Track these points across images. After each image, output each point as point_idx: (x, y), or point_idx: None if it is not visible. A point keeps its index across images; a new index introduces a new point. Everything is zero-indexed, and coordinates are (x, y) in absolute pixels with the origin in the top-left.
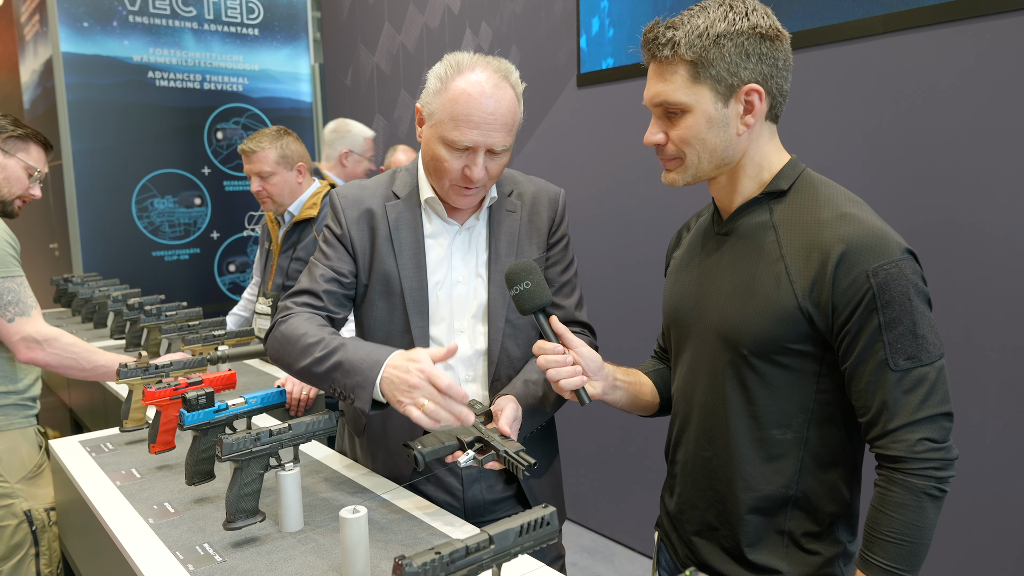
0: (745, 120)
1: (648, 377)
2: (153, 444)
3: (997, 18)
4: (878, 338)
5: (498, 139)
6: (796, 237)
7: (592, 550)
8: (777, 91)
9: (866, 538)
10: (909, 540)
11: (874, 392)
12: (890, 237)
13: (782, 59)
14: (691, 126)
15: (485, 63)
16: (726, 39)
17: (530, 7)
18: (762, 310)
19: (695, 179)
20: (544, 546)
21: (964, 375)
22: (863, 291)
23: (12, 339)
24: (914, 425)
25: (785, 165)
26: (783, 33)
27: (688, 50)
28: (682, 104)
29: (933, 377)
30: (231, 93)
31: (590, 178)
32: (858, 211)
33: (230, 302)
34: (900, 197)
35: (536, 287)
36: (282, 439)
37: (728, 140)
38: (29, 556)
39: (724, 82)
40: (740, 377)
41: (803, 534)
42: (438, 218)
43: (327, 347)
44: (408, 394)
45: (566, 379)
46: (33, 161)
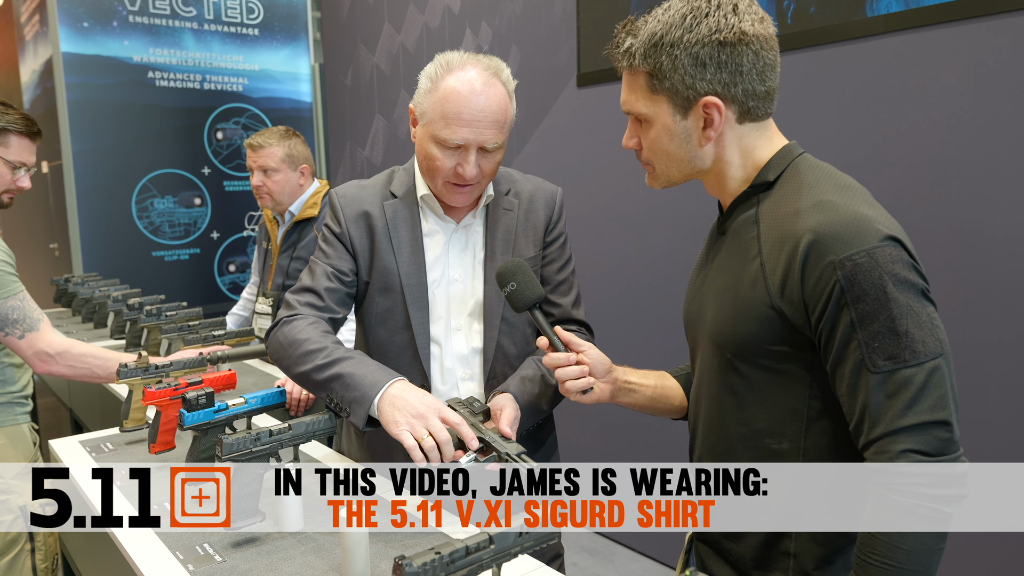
0: (706, 133)
1: (676, 380)
2: (153, 444)
3: (997, 18)
4: (852, 336)
5: (489, 136)
6: (773, 231)
7: (592, 550)
8: (746, 96)
9: (856, 558)
10: (896, 564)
11: (855, 396)
12: (867, 224)
13: (748, 62)
14: (654, 138)
15: (475, 61)
16: (680, 49)
17: (530, 7)
18: (741, 311)
19: (669, 184)
20: (544, 546)
21: (964, 376)
22: (831, 285)
23: (26, 355)
24: (897, 434)
25: (775, 155)
26: (749, 34)
27: (643, 61)
28: (644, 116)
29: (921, 380)
30: (231, 93)
31: (590, 178)
32: (838, 197)
33: (230, 302)
34: (900, 197)
35: (523, 286)
36: (282, 439)
37: (692, 152)
38: (25, 552)
39: (680, 94)
40: (730, 383)
41: (812, 559)
42: (435, 216)
43: (329, 356)
44: (409, 420)
45: (572, 381)
46: (13, 155)
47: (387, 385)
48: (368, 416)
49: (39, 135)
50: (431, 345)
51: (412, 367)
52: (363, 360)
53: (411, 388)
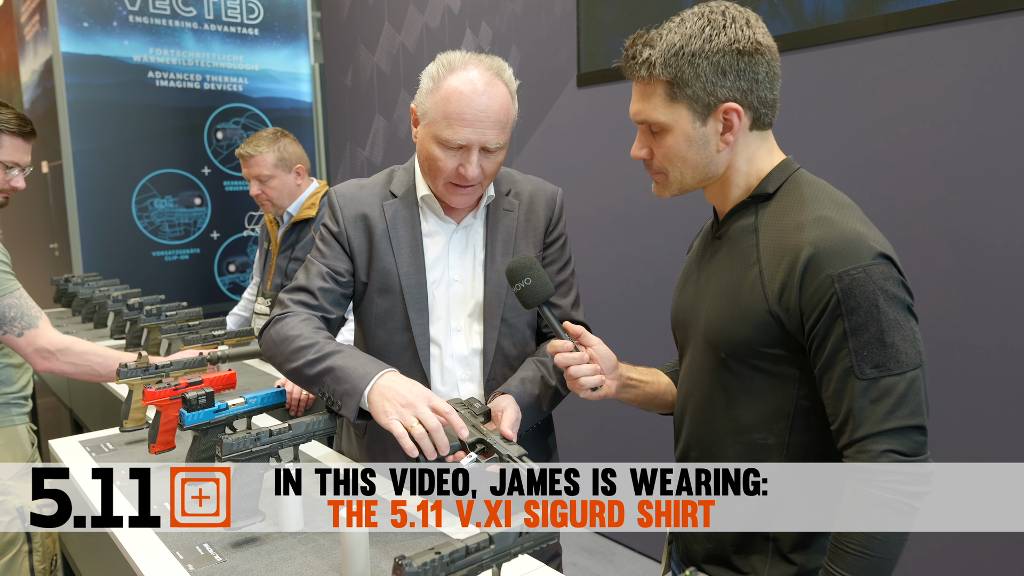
0: (725, 138)
1: (668, 376)
2: (153, 444)
3: (997, 18)
4: (843, 344)
5: (491, 136)
6: (773, 241)
7: (592, 550)
8: (760, 104)
9: (830, 547)
10: (870, 553)
11: (841, 400)
12: (862, 241)
13: (763, 71)
14: (671, 145)
15: (477, 61)
16: (701, 58)
17: (530, 7)
18: (739, 314)
19: (681, 191)
20: (543, 546)
21: (964, 375)
22: (828, 296)
23: (26, 352)
24: (880, 436)
25: (775, 168)
26: (763, 44)
27: (664, 70)
28: (661, 124)
29: (903, 388)
30: (231, 93)
31: (590, 178)
32: (836, 214)
33: (230, 302)
34: (900, 197)
35: (538, 282)
36: (282, 439)
37: (709, 157)
38: (22, 553)
39: (701, 101)
40: (722, 381)
41: (789, 542)
42: (435, 217)
43: (320, 351)
44: (398, 410)
45: (586, 377)
46: (7, 155)
47: (377, 376)
48: (359, 408)
49: (33, 135)
50: (431, 346)
51: (412, 368)
52: (354, 353)
53: (401, 379)
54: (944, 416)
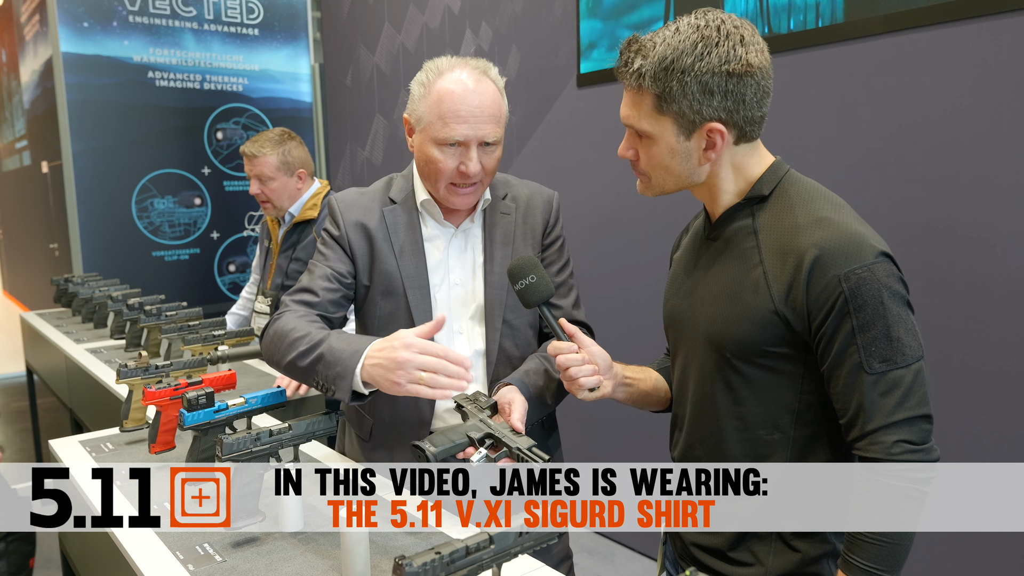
0: (707, 154)
1: (659, 374)
2: (153, 444)
3: (997, 18)
4: (852, 341)
5: (488, 131)
6: (774, 242)
7: (592, 550)
8: (745, 122)
9: (847, 538)
10: (888, 541)
11: (851, 394)
12: (864, 241)
13: (751, 93)
14: (655, 154)
15: (463, 63)
16: (690, 76)
17: (530, 7)
18: (743, 314)
19: (662, 193)
20: (547, 546)
21: (962, 375)
22: (835, 295)
23: None
24: (891, 427)
25: (766, 170)
26: (754, 66)
27: (652, 83)
28: (646, 132)
29: (909, 380)
30: (231, 93)
31: (590, 178)
32: (834, 215)
33: (230, 302)
34: (900, 197)
35: (539, 281)
36: (282, 439)
37: (691, 169)
38: None
39: (686, 117)
40: (726, 379)
41: (792, 532)
42: (434, 221)
43: (311, 341)
44: (400, 372)
45: (585, 377)
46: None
47: (364, 354)
48: (353, 391)
49: None
50: None
51: None
52: (342, 335)
53: (380, 344)
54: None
